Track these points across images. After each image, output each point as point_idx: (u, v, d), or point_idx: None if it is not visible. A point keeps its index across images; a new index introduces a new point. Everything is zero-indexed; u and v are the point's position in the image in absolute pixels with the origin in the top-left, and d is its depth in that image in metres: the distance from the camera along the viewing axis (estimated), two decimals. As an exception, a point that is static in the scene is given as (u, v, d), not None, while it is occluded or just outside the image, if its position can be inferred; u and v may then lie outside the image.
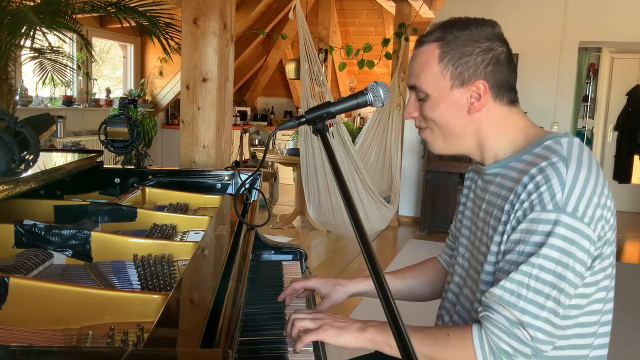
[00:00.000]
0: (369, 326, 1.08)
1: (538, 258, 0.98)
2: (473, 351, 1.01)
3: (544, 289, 0.98)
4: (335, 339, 1.06)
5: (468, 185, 1.28)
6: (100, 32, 5.99)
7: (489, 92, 1.10)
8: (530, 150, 1.08)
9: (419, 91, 1.13)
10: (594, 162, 1.04)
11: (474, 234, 1.19)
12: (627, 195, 7.22)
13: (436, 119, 1.12)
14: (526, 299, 0.98)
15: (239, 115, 8.32)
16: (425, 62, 1.11)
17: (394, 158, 5.35)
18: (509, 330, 0.99)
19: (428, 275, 1.41)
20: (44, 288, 0.94)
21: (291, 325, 1.10)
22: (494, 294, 1.01)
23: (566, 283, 0.98)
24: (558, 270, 0.98)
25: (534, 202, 1.00)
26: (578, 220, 0.98)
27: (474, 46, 1.08)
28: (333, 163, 1.00)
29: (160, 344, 0.76)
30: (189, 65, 2.37)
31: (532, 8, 5.48)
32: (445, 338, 1.04)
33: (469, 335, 1.03)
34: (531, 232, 1.00)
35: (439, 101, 1.11)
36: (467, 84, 1.09)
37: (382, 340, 1.06)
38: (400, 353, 0.72)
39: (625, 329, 3.40)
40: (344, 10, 7.86)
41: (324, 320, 1.09)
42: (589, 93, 7.12)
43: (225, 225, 1.40)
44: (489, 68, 1.09)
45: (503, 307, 0.99)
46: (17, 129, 1.31)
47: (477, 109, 1.10)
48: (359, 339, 1.06)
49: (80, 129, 5.69)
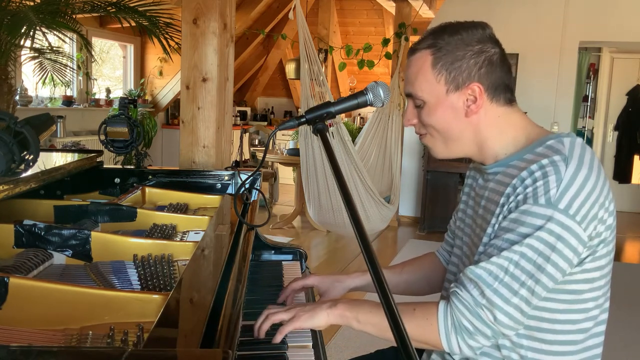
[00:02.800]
0: (338, 302, 1.11)
1: (521, 247, 1.00)
2: (436, 325, 1.04)
3: (521, 276, 1.00)
4: (310, 322, 1.09)
5: (469, 183, 1.29)
6: (100, 32, 5.99)
7: (485, 94, 1.11)
8: (532, 150, 1.09)
9: (415, 98, 1.14)
10: (596, 163, 1.04)
11: (473, 231, 1.20)
12: (627, 195, 7.22)
13: (435, 124, 1.14)
14: (502, 282, 1.00)
15: (239, 115, 8.32)
16: (418, 69, 1.12)
17: (394, 158, 5.35)
18: (472, 309, 1.02)
19: (425, 270, 1.42)
20: (44, 288, 0.94)
21: (264, 318, 1.11)
22: (473, 272, 1.03)
23: (544, 275, 1.00)
24: (539, 261, 1.00)
25: (527, 195, 1.01)
26: (568, 218, 0.99)
27: (466, 50, 1.09)
28: (333, 163, 1.00)
29: (160, 344, 0.76)
30: (189, 65, 2.37)
31: (532, 8, 5.48)
32: (411, 312, 1.07)
33: (435, 310, 1.05)
34: (520, 222, 1.01)
35: (436, 107, 1.12)
36: (462, 88, 1.10)
37: (350, 315, 1.09)
38: (398, 347, 0.74)
39: (625, 329, 3.40)
40: (344, 10, 7.86)
41: (296, 308, 1.12)
42: (589, 93, 7.12)
43: (225, 225, 1.40)
44: (482, 70, 1.10)
45: (475, 286, 1.02)
46: (17, 129, 1.31)
47: (474, 111, 1.11)
48: (330, 316, 1.09)
49: (80, 129, 5.69)
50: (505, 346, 1.09)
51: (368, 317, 1.08)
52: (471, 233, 1.21)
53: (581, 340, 1.08)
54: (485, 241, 1.09)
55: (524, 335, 1.07)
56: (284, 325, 1.09)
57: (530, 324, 1.06)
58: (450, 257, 1.32)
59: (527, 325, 1.06)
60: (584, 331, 1.08)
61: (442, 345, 1.04)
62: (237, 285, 1.07)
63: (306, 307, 1.12)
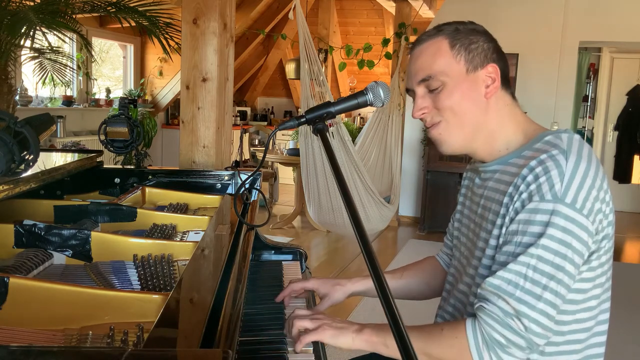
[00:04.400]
0: (366, 327, 1.08)
1: (537, 249, 0.98)
2: (467, 342, 1.01)
3: (542, 279, 0.98)
4: (334, 340, 1.07)
5: (466, 185, 1.29)
6: (100, 32, 5.99)
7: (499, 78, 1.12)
8: (530, 146, 1.09)
9: (434, 81, 1.12)
10: (594, 157, 1.04)
11: (473, 231, 1.19)
12: (627, 195, 7.22)
13: (455, 105, 1.11)
14: (523, 289, 0.98)
15: (239, 115, 8.32)
16: (435, 52, 1.12)
17: (394, 158, 5.35)
18: (502, 320, 0.99)
19: (425, 274, 1.42)
20: (44, 288, 0.94)
21: (291, 324, 1.11)
22: (491, 284, 1.01)
23: (564, 274, 0.99)
24: (556, 261, 0.98)
25: (532, 193, 1.00)
26: (576, 212, 0.98)
27: (478, 36, 1.12)
28: (333, 163, 1.00)
29: (160, 344, 0.76)
30: (189, 65, 2.37)
31: (532, 8, 5.48)
32: (439, 332, 1.05)
33: (463, 327, 1.03)
34: (529, 222, 1.00)
35: (456, 87, 1.11)
36: (480, 68, 1.11)
37: (378, 341, 1.06)
38: (400, 352, 0.72)
39: (626, 329, 3.40)
40: (344, 10, 7.86)
41: (323, 320, 1.10)
42: (589, 93, 7.12)
43: (225, 225, 1.40)
44: (495, 55, 1.13)
45: (498, 298, 0.99)
46: (17, 129, 1.31)
47: (493, 92, 1.12)
48: (356, 340, 1.07)
49: (80, 129, 5.69)
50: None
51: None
52: (469, 233, 1.21)
53: (585, 339, 1.08)
54: (493, 243, 1.07)
55: None
56: (306, 335, 1.07)
57: None
58: (451, 261, 1.32)
59: None
60: (588, 330, 1.08)
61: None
62: (237, 285, 1.06)
63: (333, 323, 1.09)
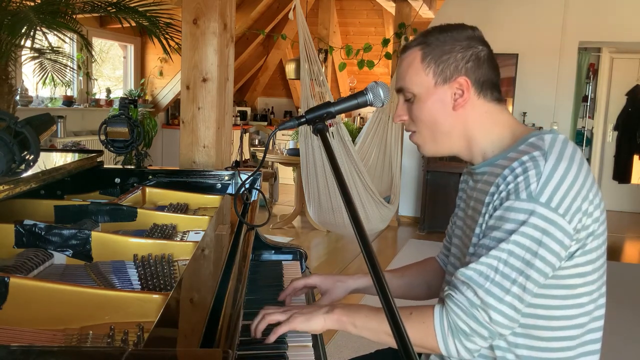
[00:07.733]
0: (336, 307, 1.11)
1: (508, 244, 1.01)
2: (433, 328, 1.04)
3: (512, 274, 1.01)
4: (306, 325, 1.09)
5: (462, 188, 1.31)
6: (100, 32, 5.99)
7: (472, 88, 1.13)
8: (515, 148, 1.10)
9: (406, 92, 1.17)
10: (578, 157, 1.05)
11: (464, 233, 1.21)
12: (627, 195, 7.22)
13: (424, 117, 1.15)
14: (493, 281, 1.01)
15: (239, 115, 8.32)
16: (409, 64, 1.16)
17: (394, 158, 5.35)
18: (468, 310, 1.02)
19: (426, 274, 1.43)
20: (44, 288, 0.94)
21: (260, 318, 1.12)
22: (464, 274, 1.03)
23: (534, 271, 1.01)
24: (527, 257, 1.00)
25: (510, 191, 1.03)
26: (551, 211, 1.00)
27: (454, 45, 1.13)
28: (333, 163, 1.00)
29: (160, 344, 0.76)
30: (189, 66, 2.37)
31: (531, 8, 5.48)
32: (408, 315, 1.07)
33: (431, 313, 1.06)
34: (504, 219, 1.02)
35: (425, 99, 1.14)
36: (449, 81, 1.13)
37: (347, 320, 1.09)
38: (400, 352, 0.73)
39: (626, 328, 3.40)
40: (344, 10, 7.86)
41: (293, 310, 1.12)
42: (588, 93, 7.12)
43: (225, 225, 1.40)
44: (469, 64, 1.13)
45: (467, 287, 1.02)
46: (18, 129, 1.31)
47: (461, 104, 1.13)
48: (327, 321, 1.09)
49: (80, 129, 5.69)
50: (501, 347, 1.09)
51: (365, 322, 1.09)
52: (462, 235, 1.23)
53: (578, 335, 1.09)
54: (475, 241, 1.10)
55: (521, 334, 1.08)
56: (278, 326, 1.09)
57: (526, 322, 1.07)
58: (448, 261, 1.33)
59: (523, 324, 1.06)
60: (580, 326, 1.09)
61: (440, 348, 1.04)
62: (237, 285, 1.07)
63: (303, 309, 1.12)
